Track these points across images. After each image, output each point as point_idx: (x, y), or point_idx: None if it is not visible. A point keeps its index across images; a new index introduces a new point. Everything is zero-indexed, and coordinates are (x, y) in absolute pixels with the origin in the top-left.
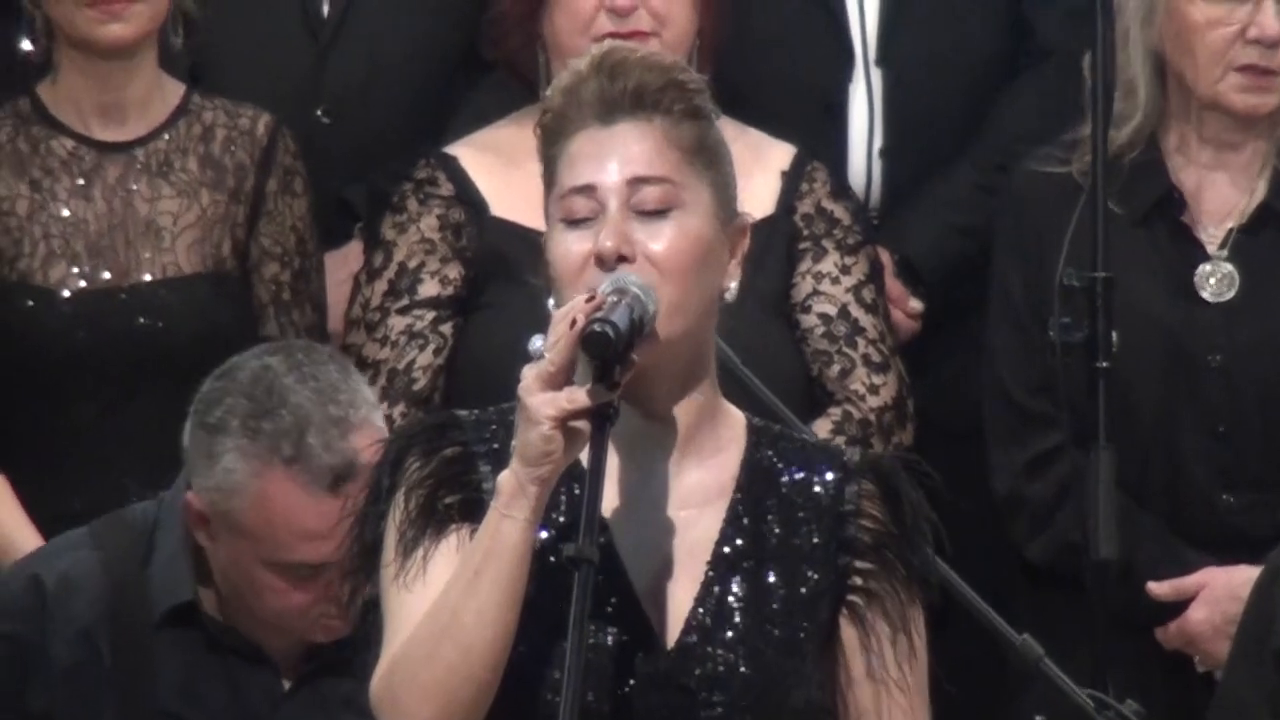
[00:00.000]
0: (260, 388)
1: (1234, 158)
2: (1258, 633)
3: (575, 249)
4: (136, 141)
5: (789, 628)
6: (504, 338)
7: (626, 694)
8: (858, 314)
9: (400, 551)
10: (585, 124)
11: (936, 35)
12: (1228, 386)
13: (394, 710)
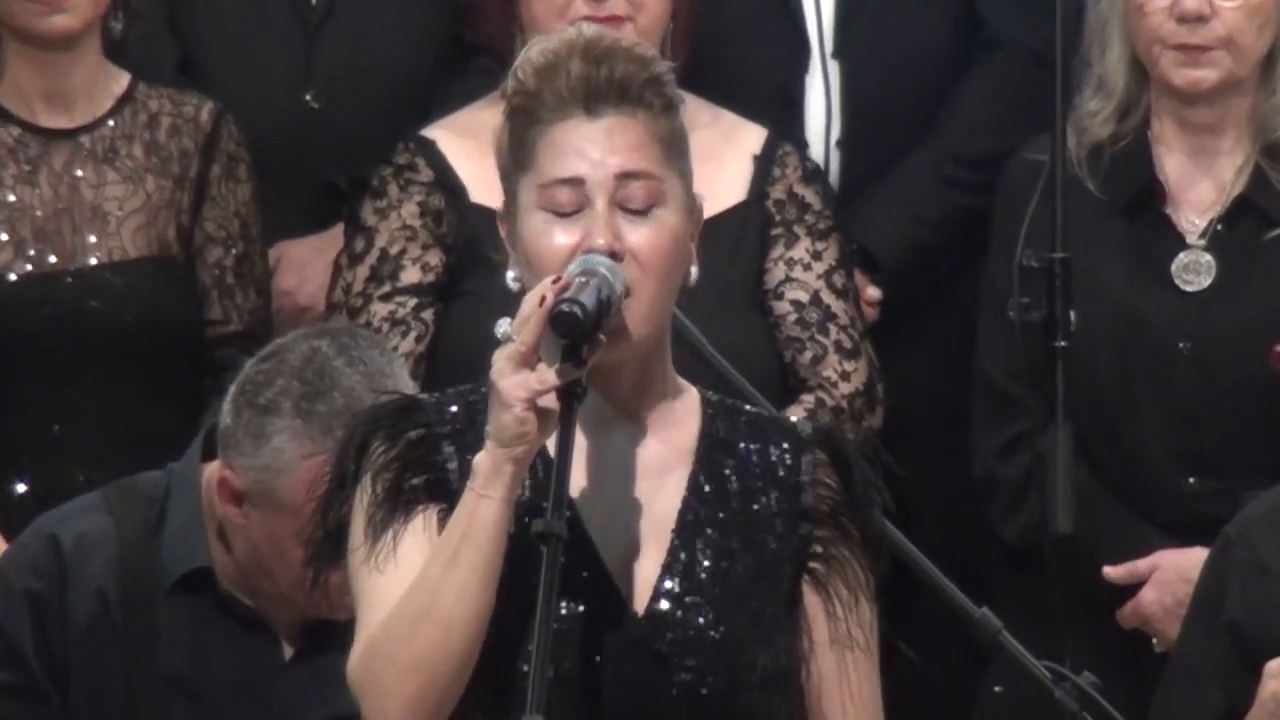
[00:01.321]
0: (311, 370)
1: (1215, 150)
2: (1210, 605)
3: (560, 242)
4: (82, 128)
5: (755, 594)
6: (484, 324)
7: (599, 662)
8: (829, 300)
9: (370, 534)
10: (569, 112)
11: (891, 28)
12: (1196, 373)
13: (375, 690)
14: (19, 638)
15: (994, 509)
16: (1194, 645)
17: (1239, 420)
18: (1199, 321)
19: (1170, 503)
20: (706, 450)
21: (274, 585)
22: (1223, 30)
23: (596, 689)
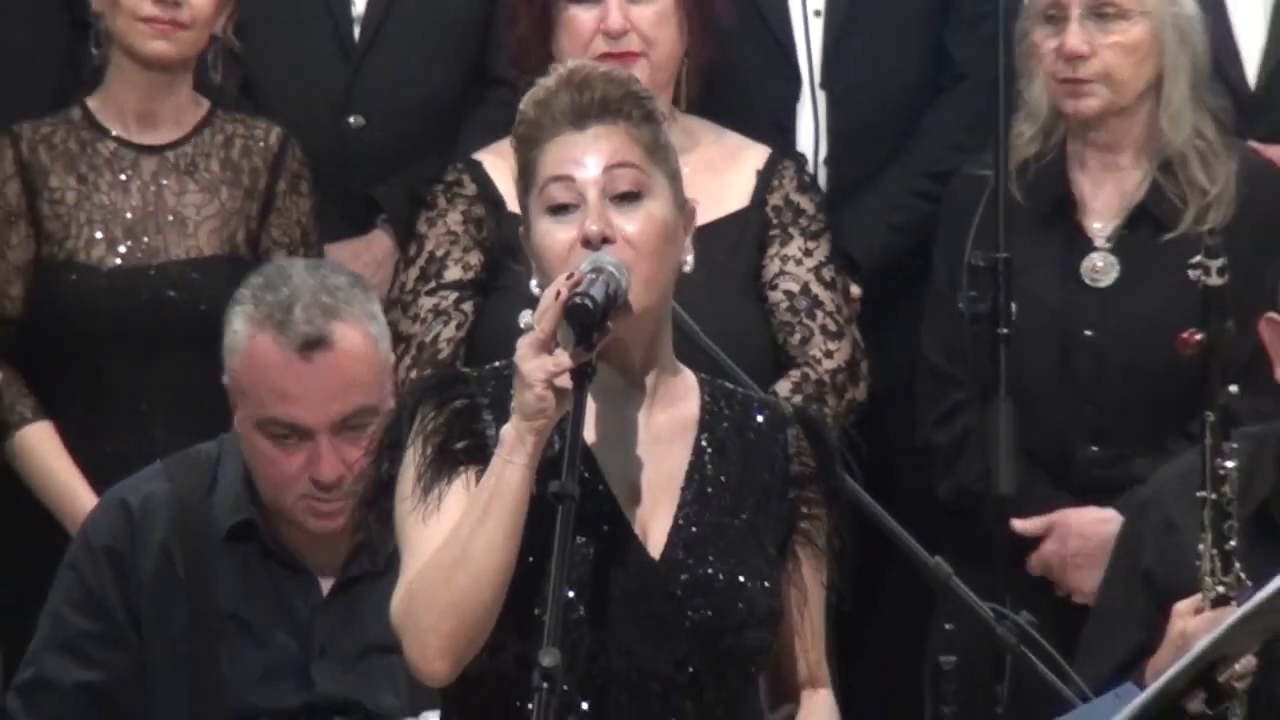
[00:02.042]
0: (275, 271)
1: (1117, 165)
2: (1128, 557)
3: (560, 237)
4: (169, 145)
5: (755, 546)
6: (515, 315)
7: (619, 601)
8: (818, 290)
9: (418, 490)
10: (560, 130)
11: (871, 63)
12: (1098, 358)
13: (415, 627)
14: (103, 590)
15: (932, 471)
16: (1115, 592)
17: (1133, 398)
18: (1102, 314)
19: (1074, 467)
20: (708, 421)
21: (262, 490)
22: (1100, 67)
23: (617, 625)
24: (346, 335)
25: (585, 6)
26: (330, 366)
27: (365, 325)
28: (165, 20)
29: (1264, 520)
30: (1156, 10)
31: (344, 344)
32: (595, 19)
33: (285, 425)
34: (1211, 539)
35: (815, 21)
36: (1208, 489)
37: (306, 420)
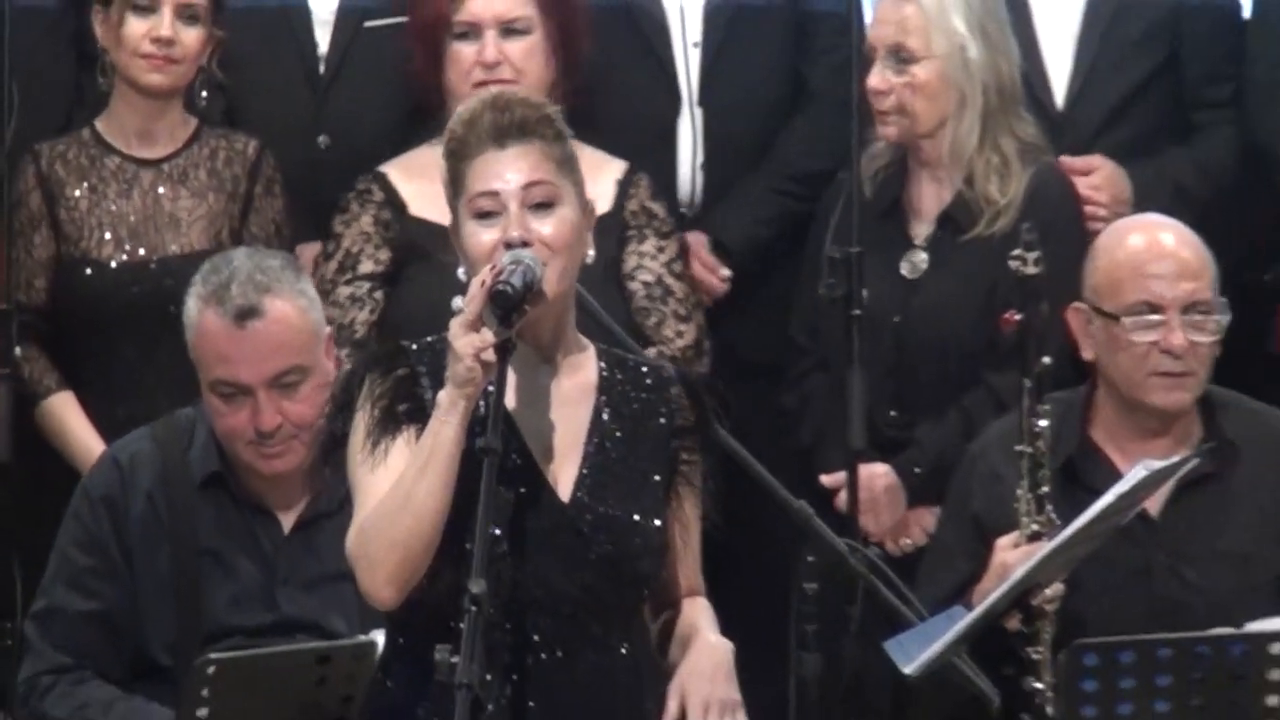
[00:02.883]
0: (220, 259)
1: (935, 177)
2: (959, 502)
3: (486, 238)
4: (164, 159)
5: (647, 489)
6: (417, 302)
7: (535, 538)
8: (669, 281)
9: (368, 445)
10: (485, 148)
11: (740, 85)
12: (900, 339)
13: (367, 560)
14: (100, 532)
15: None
16: (948, 531)
17: (925, 374)
18: (909, 302)
19: (876, 429)
20: (605, 385)
21: (222, 442)
22: (895, 101)
23: (534, 558)
24: (276, 306)
25: (467, 43)
26: (261, 332)
27: (294, 298)
28: (160, 56)
29: (1069, 471)
30: (945, 55)
31: (274, 313)
32: (474, 52)
33: (229, 384)
34: (1028, 486)
35: (694, 51)
36: (1025, 444)
37: (244, 378)
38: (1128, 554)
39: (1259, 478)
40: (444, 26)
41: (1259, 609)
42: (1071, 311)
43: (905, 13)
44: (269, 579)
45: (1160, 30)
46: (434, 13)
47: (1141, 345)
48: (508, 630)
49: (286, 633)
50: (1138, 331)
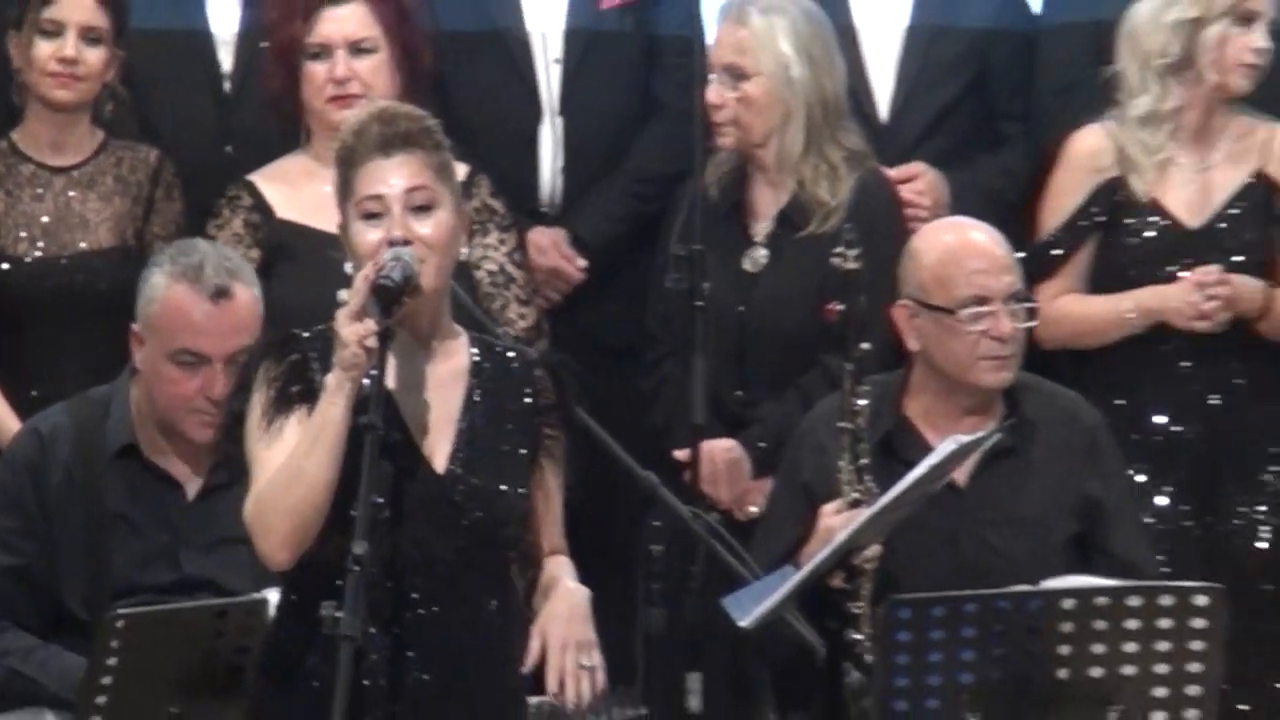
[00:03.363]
0: (185, 243)
1: (773, 181)
2: (791, 473)
3: (371, 237)
4: (74, 166)
5: (515, 461)
6: (285, 295)
7: (412, 506)
8: (511, 270)
9: (264, 421)
10: (371, 156)
11: (597, 97)
12: (743, 327)
13: (263, 526)
14: (22, 497)
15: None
16: (781, 499)
17: (765, 358)
18: (750, 294)
19: (724, 408)
20: (476, 369)
21: (159, 404)
22: (729, 114)
23: (412, 523)
24: (241, 292)
25: (319, 62)
26: (230, 312)
27: (251, 288)
28: (66, 75)
29: (886, 445)
30: (772, 73)
31: (240, 298)
32: (326, 70)
33: (192, 354)
34: (849, 459)
35: (555, 66)
36: (847, 421)
37: (208, 350)
38: (938, 520)
39: (1053, 452)
40: (298, 48)
41: (1052, 569)
42: (897, 308)
43: (738, 35)
44: (173, 542)
45: (970, 53)
46: (289, 36)
47: (973, 334)
48: (388, 588)
49: (188, 590)
50: (971, 322)
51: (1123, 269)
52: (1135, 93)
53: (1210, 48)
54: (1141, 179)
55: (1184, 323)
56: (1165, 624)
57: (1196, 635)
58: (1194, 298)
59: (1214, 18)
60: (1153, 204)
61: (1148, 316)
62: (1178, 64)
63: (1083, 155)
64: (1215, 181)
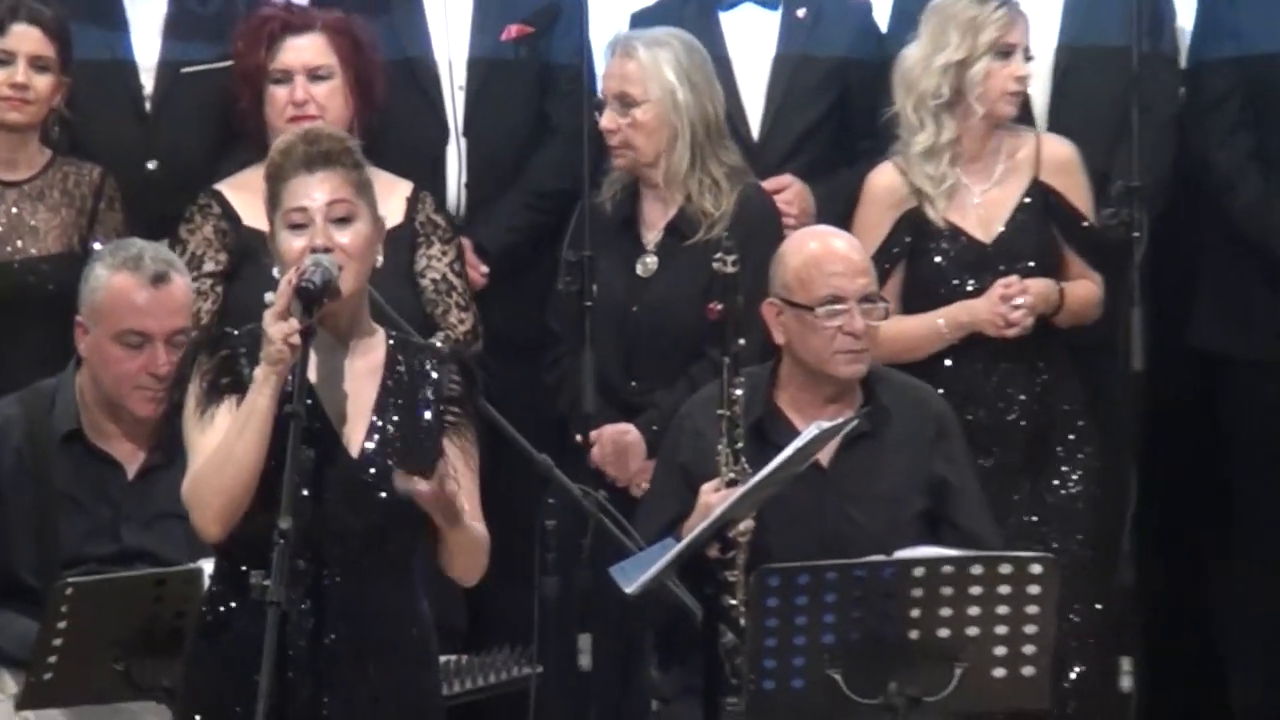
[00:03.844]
0: (123, 241)
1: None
2: (671, 454)
3: (296, 245)
4: (24, 181)
5: (421, 446)
6: (248, 295)
7: (331, 486)
8: (452, 279)
9: (198, 410)
10: (297, 172)
11: (496, 120)
12: (638, 325)
13: (199, 502)
14: None
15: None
16: (661, 478)
17: (656, 352)
18: (643, 296)
19: (620, 397)
20: (391, 363)
21: (105, 384)
22: (621, 139)
23: (330, 501)
24: (177, 278)
25: (281, 86)
26: (169, 295)
27: (184, 276)
28: (17, 99)
29: (758, 430)
30: (659, 99)
31: (176, 282)
32: (287, 94)
33: (138, 333)
34: (726, 442)
35: (459, 93)
36: (724, 409)
37: (152, 329)
38: (804, 497)
39: (905, 436)
40: (263, 73)
41: (905, 540)
42: (765, 306)
43: (627, 67)
44: (115, 517)
45: (831, 79)
46: (255, 63)
47: (830, 329)
48: (309, 559)
49: (129, 561)
50: (827, 318)
51: (931, 288)
52: (915, 130)
53: (977, 83)
54: (934, 207)
55: (995, 332)
56: (1004, 590)
57: (1032, 600)
58: (1001, 309)
59: (978, 56)
60: (949, 226)
61: (960, 330)
62: (949, 101)
63: (881, 191)
64: (999, 198)
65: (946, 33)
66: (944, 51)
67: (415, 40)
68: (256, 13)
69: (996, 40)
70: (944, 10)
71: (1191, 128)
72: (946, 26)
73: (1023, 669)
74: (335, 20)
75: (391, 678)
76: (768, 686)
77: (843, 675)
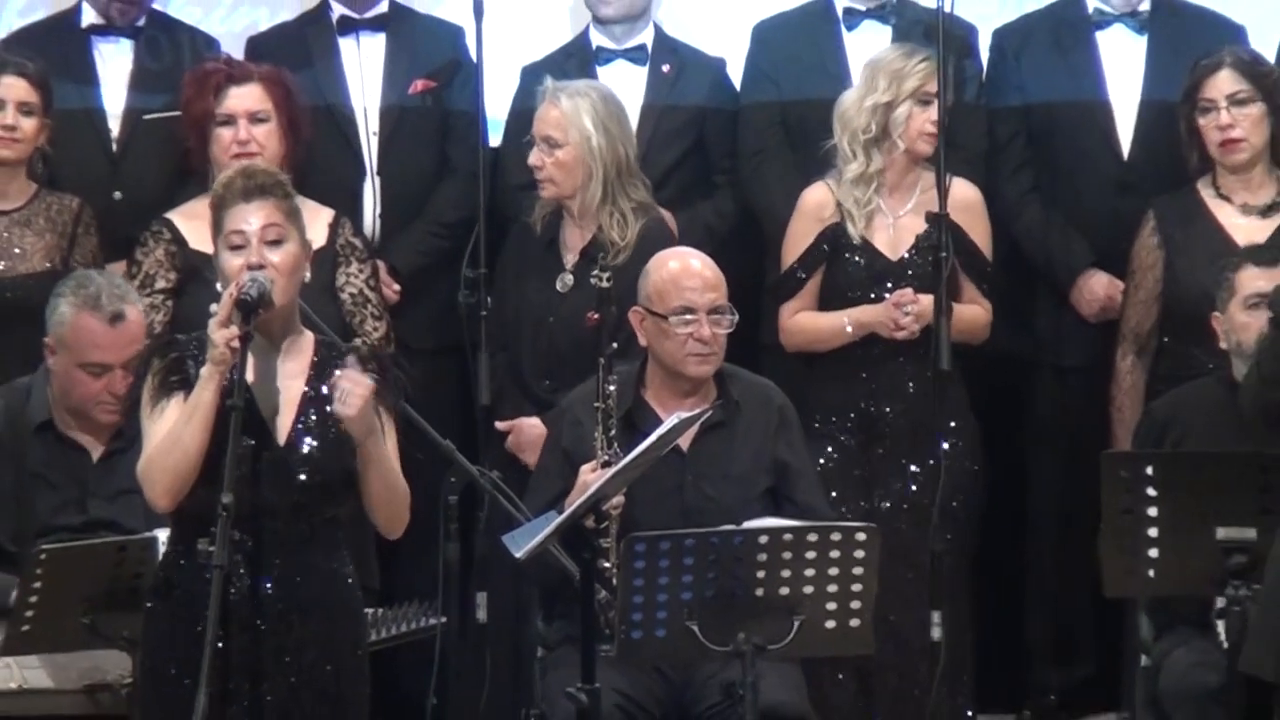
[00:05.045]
0: (82, 276)
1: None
2: (556, 440)
3: (235, 263)
4: (14, 210)
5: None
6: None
7: (264, 469)
8: (368, 293)
9: (150, 403)
10: (237, 201)
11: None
12: (553, 333)
13: (150, 480)
14: None
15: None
16: (547, 460)
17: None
18: (559, 309)
19: (534, 393)
20: (317, 364)
21: (72, 399)
22: (546, 175)
23: (263, 481)
24: (130, 311)
25: (227, 127)
26: (125, 330)
27: (137, 306)
28: (6, 138)
29: (629, 420)
30: (577, 141)
31: (130, 316)
32: (231, 135)
33: (98, 365)
34: (601, 429)
35: (374, 137)
36: (600, 401)
37: (111, 360)
38: (667, 475)
39: (753, 426)
40: (209, 118)
41: (752, 513)
42: (631, 313)
43: (552, 113)
44: (82, 493)
45: (691, 124)
46: (202, 109)
47: (682, 335)
48: (246, 530)
49: (95, 530)
50: (679, 326)
51: (843, 291)
52: (848, 160)
53: (900, 124)
54: (854, 225)
55: (887, 333)
56: (835, 554)
57: (858, 563)
58: (894, 314)
59: (901, 101)
60: (863, 242)
61: (861, 329)
62: (877, 137)
63: (812, 206)
64: (907, 225)
65: (876, 79)
66: (873, 95)
67: (335, 90)
68: (202, 66)
69: (918, 89)
70: (876, 60)
71: (987, 165)
72: (877, 74)
73: (850, 621)
74: (270, 72)
75: (319, 628)
76: (635, 635)
77: (699, 626)
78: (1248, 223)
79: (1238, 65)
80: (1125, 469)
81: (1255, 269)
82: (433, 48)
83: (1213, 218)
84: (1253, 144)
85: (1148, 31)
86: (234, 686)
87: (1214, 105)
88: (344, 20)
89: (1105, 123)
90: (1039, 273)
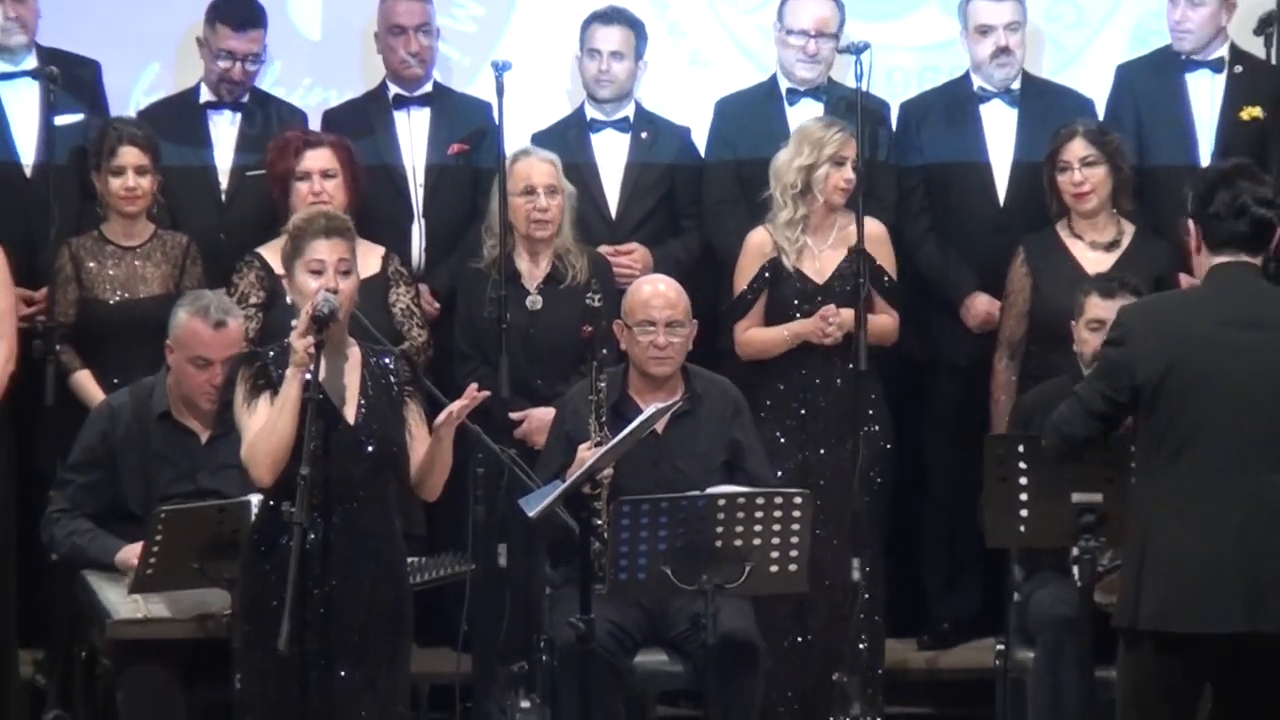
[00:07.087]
0: (198, 294)
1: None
2: (561, 424)
3: (313, 285)
4: (138, 246)
5: (394, 416)
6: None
7: (335, 444)
8: (413, 309)
9: (245, 402)
10: (318, 236)
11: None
12: (537, 343)
13: (254, 461)
14: (94, 442)
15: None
16: (552, 440)
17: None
18: (535, 322)
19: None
20: (365, 364)
21: (184, 388)
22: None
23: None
24: (231, 321)
25: (304, 182)
26: (225, 334)
27: (238, 318)
28: (129, 196)
29: (616, 409)
30: (565, 190)
31: (231, 325)
32: (307, 188)
33: (203, 359)
34: (594, 417)
35: (420, 189)
36: (593, 396)
37: (212, 356)
38: (646, 453)
39: (713, 413)
40: (290, 173)
41: (713, 482)
42: (615, 325)
43: (545, 167)
44: (192, 468)
45: (663, 179)
46: (285, 167)
47: (644, 342)
48: (323, 495)
49: (202, 496)
50: (642, 335)
51: (782, 310)
52: (780, 208)
53: (820, 181)
54: (788, 259)
55: (817, 340)
56: (777, 514)
57: (795, 520)
58: (822, 325)
59: (821, 163)
60: (796, 272)
61: (797, 338)
62: (802, 191)
63: (755, 245)
64: (829, 256)
65: (802, 145)
66: (799, 157)
67: (390, 152)
68: (284, 135)
69: (834, 154)
70: (802, 129)
71: (896, 210)
72: (802, 140)
73: (789, 566)
74: (336, 139)
75: (377, 571)
76: (622, 577)
77: (671, 570)
78: (1095, 256)
79: (1087, 134)
80: (1002, 448)
81: (1098, 298)
82: (466, 119)
83: (1069, 251)
84: (1099, 195)
85: (1019, 105)
86: (309, 616)
87: (1069, 165)
88: (398, 97)
89: (986, 178)
90: (935, 293)
